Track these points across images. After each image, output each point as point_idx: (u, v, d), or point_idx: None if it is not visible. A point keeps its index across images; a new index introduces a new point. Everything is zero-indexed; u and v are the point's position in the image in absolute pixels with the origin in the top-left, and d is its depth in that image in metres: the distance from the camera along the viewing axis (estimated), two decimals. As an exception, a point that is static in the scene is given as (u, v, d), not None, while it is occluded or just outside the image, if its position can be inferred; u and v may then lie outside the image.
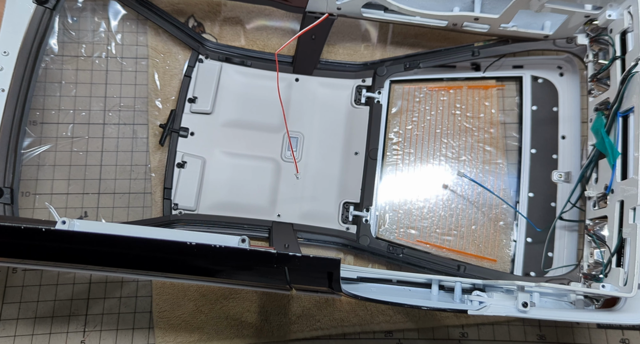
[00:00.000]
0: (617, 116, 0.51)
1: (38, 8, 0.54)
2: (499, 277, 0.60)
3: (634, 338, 0.65)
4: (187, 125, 0.65)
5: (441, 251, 0.64)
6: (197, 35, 0.65)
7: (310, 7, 0.57)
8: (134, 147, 0.66)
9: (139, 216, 0.65)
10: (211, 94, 0.64)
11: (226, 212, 0.63)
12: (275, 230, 0.63)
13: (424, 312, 0.64)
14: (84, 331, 0.63)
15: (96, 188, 0.65)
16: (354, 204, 0.64)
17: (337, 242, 0.64)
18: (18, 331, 0.62)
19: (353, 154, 0.65)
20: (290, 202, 0.64)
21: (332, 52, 0.68)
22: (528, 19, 0.59)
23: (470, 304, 0.47)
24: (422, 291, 0.51)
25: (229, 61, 0.66)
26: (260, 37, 0.68)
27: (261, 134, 0.65)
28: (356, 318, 0.64)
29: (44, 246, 0.41)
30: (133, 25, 0.68)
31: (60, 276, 0.63)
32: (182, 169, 0.63)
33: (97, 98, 0.66)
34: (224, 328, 0.63)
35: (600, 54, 0.56)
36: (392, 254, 0.62)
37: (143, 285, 0.64)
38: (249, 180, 0.64)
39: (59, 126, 0.65)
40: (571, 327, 0.65)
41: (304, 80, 0.66)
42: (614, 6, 0.53)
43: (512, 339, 0.64)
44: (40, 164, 0.65)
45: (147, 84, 0.67)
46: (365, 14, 0.58)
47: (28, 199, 0.64)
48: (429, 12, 0.55)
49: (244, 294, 0.64)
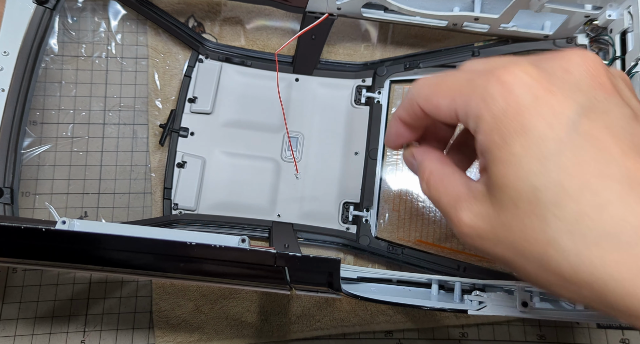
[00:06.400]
0: (617, 116, 0.51)
1: (38, 8, 0.54)
2: (499, 277, 0.60)
3: (634, 338, 0.65)
4: (187, 125, 0.64)
5: (441, 251, 0.64)
6: (197, 35, 0.65)
7: (310, 7, 0.57)
8: (134, 147, 0.66)
9: (139, 216, 0.65)
10: (211, 94, 0.64)
11: (226, 212, 0.63)
12: (275, 230, 0.63)
13: (424, 312, 0.64)
14: (84, 331, 0.62)
15: (96, 188, 0.65)
16: (354, 204, 0.64)
17: (337, 242, 0.64)
18: (18, 331, 0.62)
19: (353, 154, 0.65)
20: (290, 202, 0.64)
21: (332, 52, 0.68)
22: (528, 19, 0.59)
23: (470, 304, 0.47)
24: (422, 291, 0.51)
25: (229, 61, 0.66)
26: (260, 37, 0.68)
27: (261, 134, 0.65)
28: (356, 318, 0.64)
29: (44, 246, 0.41)
30: (133, 25, 0.68)
31: (60, 276, 0.63)
32: (182, 169, 0.63)
33: (97, 98, 0.66)
34: (224, 327, 0.63)
35: (600, 54, 0.56)
36: (392, 254, 0.62)
37: (143, 285, 0.64)
38: (249, 180, 0.64)
39: (59, 126, 0.65)
40: (571, 327, 0.65)
41: (304, 80, 0.66)
42: (614, 6, 0.53)
43: (512, 339, 0.64)
44: (40, 164, 0.65)
45: (147, 84, 0.67)
46: (365, 14, 0.57)
47: (28, 199, 0.64)
48: (429, 12, 0.55)
49: (244, 294, 0.64)
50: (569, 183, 0.28)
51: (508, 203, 0.30)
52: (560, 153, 0.28)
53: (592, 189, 0.27)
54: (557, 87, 0.29)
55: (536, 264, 0.30)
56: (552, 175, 0.28)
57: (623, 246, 0.26)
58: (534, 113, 0.28)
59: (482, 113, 0.30)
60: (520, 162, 0.29)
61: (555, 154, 0.28)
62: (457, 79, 0.33)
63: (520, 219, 0.29)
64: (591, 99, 0.29)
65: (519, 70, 0.29)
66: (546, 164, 0.28)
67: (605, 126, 0.28)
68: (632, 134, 0.28)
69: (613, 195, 0.27)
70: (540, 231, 0.29)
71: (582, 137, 0.28)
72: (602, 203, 0.27)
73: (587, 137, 0.28)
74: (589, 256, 0.27)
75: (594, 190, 0.27)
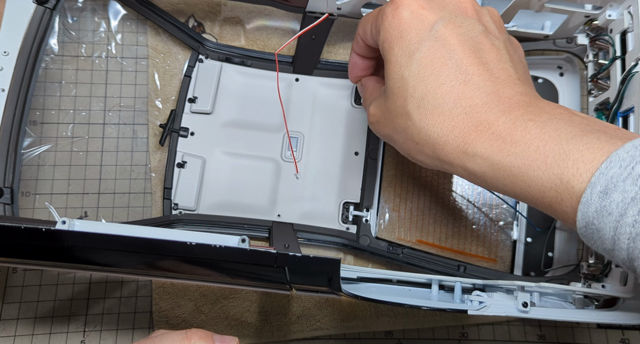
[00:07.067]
0: (617, 115, 0.51)
1: (38, 8, 0.54)
2: (499, 277, 0.60)
3: (634, 338, 0.65)
4: (187, 125, 0.64)
5: (441, 251, 0.64)
6: (197, 35, 0.65)
7: (310, 7, 0.57)
8: (134, 147, 0.66)
9: (139, 216, 0.65)
10: (211, 94, 0.64)
11: (226, 212, 0.63)
12: (275, 230, 0.63)
13: (424, 312, 0.64)
14: (84, 331, 0.62)
15: (96, 188, 0.65)
16: (354, 204, 0.64)
17: (337, 242, 0.64)
18: (18, 331, 0.62)
19: (353, 154, 0.65)
20: (290, 202, 0.64)
21: (332, 52, 0.68)
22: (528, 19, 0.59)
23: (470, 304, 0.47)
24: (422, 291, 0.51)
25: (229, 61, 0.66)
26: (260, 37, 0.68)
27: (261, 134, 0.65)
28: (356, 318, 0.64)
29: (44, 246, 0.41)
30: (133, 25, 0.68)
31: (60, 276, 0.63)
32: (182, 169, 0.63)
33: (97, 98, 0.66)
34: (224, 327, 0.63)
35: (600, 54, 0.56)
36: (392, 254, 0.62)
37: (143, 285, 0.64)
38: (249, 180, 0.64)
39: (59, 126, 0.65)
40: (571, 327, 0.65)
41: (304, 80, 0.66)
42: (614, 6, 0.52)
43: (512, 339, 0.64)
44: (40, 164, 0.65)
45: (147, 84, 0.67)
46: (365, 14, 0.57)
47: (28, 199, 0.64)
48: (429, 12, 0.55)
49: (244, 294, 0.64)
50: (422, 71, 0.38)
51: (389, 92, 0.41)
52: (420, 50, 0.38)
53: (435, 74, 0.38)
54: (429, 6, 0.40)
55: (402, 135, 0.40)
56: (413, 65, 0.38)
57: (445, 112, 0.37)
58: (409, 24, 0.39)
59: (379, 28, 0.41)
60: (397, 60, 0.39)
61: (417, 51, 0.38)
62: (377, 9, 0.44)
63: (394, 101, 0.40)
64: (452, 15, 0.39)
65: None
66: (410, 59, 0.39)
67: (456, 33, 0.38)
68: (476, 42, 0.39)
69: (447, 78, 0.37)
70: (403, 108, 0.39)
71: (436, 39, 0.38)
72: (439, 84, 0.37)
73: (439, 39, 0.38)
74: (427, 122, 0.38)
75: (436, 74, 0.38)
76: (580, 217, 0.33)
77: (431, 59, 0.38)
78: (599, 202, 0.31)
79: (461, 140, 0.36)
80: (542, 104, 0.37)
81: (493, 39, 0.40)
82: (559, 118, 0.35)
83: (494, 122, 0.35)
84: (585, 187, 0.32)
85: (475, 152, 0.36)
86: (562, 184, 0.33)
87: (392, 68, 0.40)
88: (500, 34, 0.43)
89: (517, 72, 0.40)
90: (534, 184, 0.35)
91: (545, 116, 0.36)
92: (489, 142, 0.35)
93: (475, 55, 0.38)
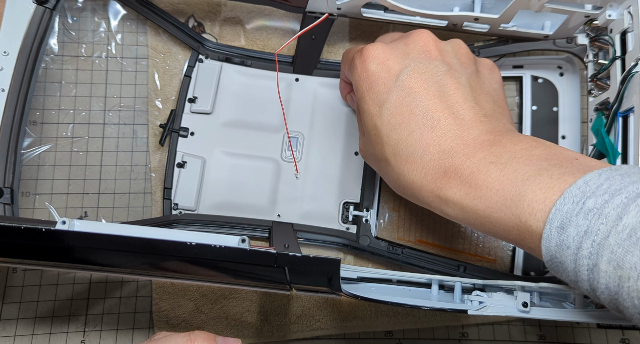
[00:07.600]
0: (617, 115, 0.51)
1: (38, 8, 0.54)
2: (499, 277, 0.60)
3: (634, 338, 0.65)
4: (187, 125, 0.64)
5: (441, 251, 0.64)
6: (197, 35, 0.65)
7: (310, 7, 0.57)
8: (134, 147, 0.66)
9: (139, 216, 0.65)
10: (211, 94, 0.64)
11: (226, 212, 0.63)
12: (275, 230, 0.63)
13: (424, 312, 0.64)
14: (84, 331, 0.63)
15: (96, 188, 0.65)
16: (354, 204, 0.64)
17: (337, 242, 0.64)
18: (18, 331, 0.62)
19: (353, 154, 0.65)
20: (290, 202, 0.64)
21: (332, 52, 0.68)
22: (528, 19, 0.59)
23: (470, 304, 0.47)
24: (422, 291, 0.51)
25: (229, 61, 0.66)
26: (260, 37, 0.68)
27: (261, 134, 0.65)
28: (356, 318, 0.64)
29: (44, 246, 0.41)
30: (133, 25, 0.68)
31: (60, 276, 0.63)
32: (182, 169, 0.63)
33: (97, 98, 0.66)
34: (224, 327, 0.63)
35: (600, 54, 0.56)
36: (392, 254, 0.62)
37: (143, 285, 0.64)
38: (249, 180, 0.64)
39: (59, 126, 0.65)
40: (571, 327, 0.65)
41: (304, 80, 0.66)
42: (614, 6, 0.52)
43: (512, 339, 0.64)
44: (40, 164, 0.65)
45: (147, 84, 0.67)
46: (365, 14, 0.57)
47: (28, 199, 0.64)
48: (429, 12, 0.55)
49: (244, 294, 0.64)
50: (392, 120, 0.41)
51: (367, 136, 0.45)
52: (389, 100, 0.41)
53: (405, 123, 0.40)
54: (394, 56, 0.42)
55: (386, 176, 0.44)
56: (384, 115, 0.41)
57: (417, 159, 0.39)
58: (376, 75, 0.42)
59: (352, 78, 0.46)
60: (369, 109, 0.43)
61: (386, 102, 0.41)
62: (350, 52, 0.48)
63: (373, 146, 0.44)
64: (415, 62, 0.42)
65: (373, 48, 0.44)
66: (381, 109, 0.42)
67: (421, 80, 0.41)
68: (440, 85, 0.41)
69: (416, 126, 0.40)
70: (381, 154, 0.42)
71: (402, 88, 0.41)
72: (410, 132, 0.40)
73: (405, 88, 0.41)
74: (403, 168, 0.41)
75: (406, 123, 0.40)
76: (545, 251, 0.34)
77: (400, 108, 0.40)
78: (558, 236, 0.33)
79: (434, 185, 0.39)
80: (506, 140, 0.39)
81: (458, 76, 0.42)
82: (518, 156, 0.37)
83: (460, 166, 0.38)
84: (541, 225, 0.34)
85: (447, 197, 0.38)
86: (521, 224, 0.35)
87: (365, 117, 0.44)
88: (466, 68, 0.44)
89: (483, 107, 0.42)
90: (499, 225, 0.37)
91: (507, 155, 0.37)
92: (457, 188, 0.38)
93: (440, 99, 0.40)
